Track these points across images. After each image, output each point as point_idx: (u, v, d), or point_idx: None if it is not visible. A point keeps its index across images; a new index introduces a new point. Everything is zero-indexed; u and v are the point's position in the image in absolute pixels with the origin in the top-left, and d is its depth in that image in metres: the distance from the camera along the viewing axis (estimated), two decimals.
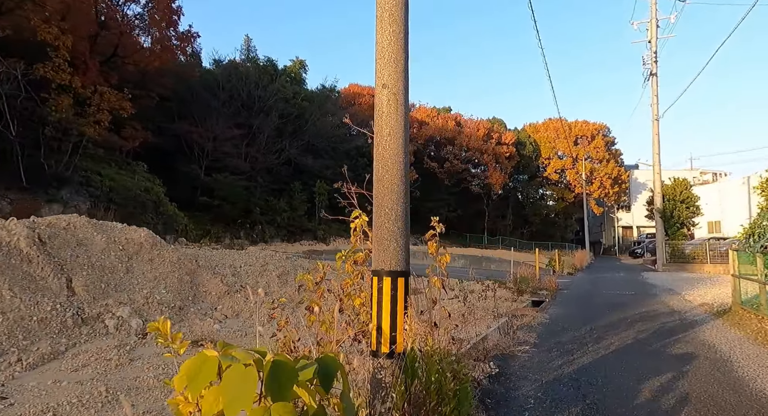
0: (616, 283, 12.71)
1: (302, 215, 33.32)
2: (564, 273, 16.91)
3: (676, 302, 8.01)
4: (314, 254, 21.04)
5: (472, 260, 17.87)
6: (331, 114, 37.90)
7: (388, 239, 3.11)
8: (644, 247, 37.34)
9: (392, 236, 3.12)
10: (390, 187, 3.18)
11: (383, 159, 3.25)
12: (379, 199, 3.18)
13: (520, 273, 12.29)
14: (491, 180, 44.32)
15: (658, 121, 19.24)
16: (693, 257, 19.14)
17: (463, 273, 15.67)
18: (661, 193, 19.65)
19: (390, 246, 3.09)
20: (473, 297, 8.15)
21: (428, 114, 49.15)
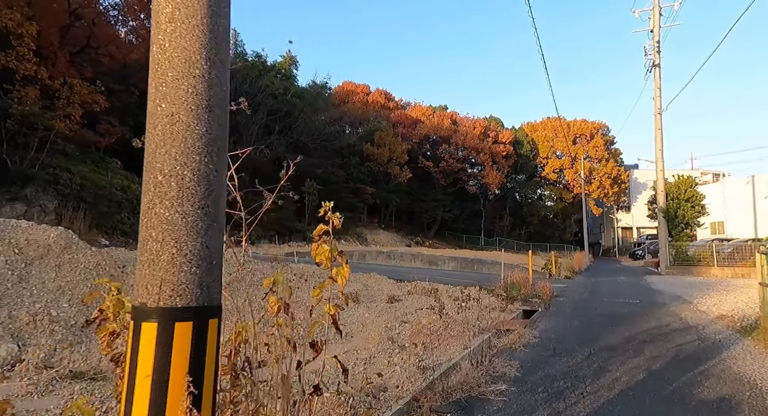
0: (617, 289, 11.57)
1: (291, 215, 32.19)
2: (561, 276, 15.79)
3: (689, 313, 6.86)
4: (298, 255, 19.87)
5: (464, 263, 16.75)
6: (323, 111, 36.80)
7: (164, 240, 1.36)
8: (645, 249, 36.23)
9: (173, 232, 1.36)
10: (171, 128, 1.42)
11: (161, 67, 1.49)
12: (152, 154, 1.45)
13: (512, 277, 11.15)
14: (488, 179, 43.19)
15: (660, 114, 18.13)
16: (698, 259, 18.01)
17: (454, 277, 14.51)
18: (664, 191, 18.52)
19: (166, 254, 1.34)
20: (452, 308, 6.98)
21: (423, 112, 48.06)
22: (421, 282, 11.62)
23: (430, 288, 10.78)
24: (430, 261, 17.24)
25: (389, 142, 38.14)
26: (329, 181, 35.02)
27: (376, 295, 9.51)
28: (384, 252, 18.10)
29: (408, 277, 13.01)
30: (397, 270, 15.22)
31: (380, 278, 12.03)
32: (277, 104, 33.53)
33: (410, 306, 8.43)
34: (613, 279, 15.11)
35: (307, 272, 10.20)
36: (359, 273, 12.33)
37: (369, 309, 7.87)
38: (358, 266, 16.15)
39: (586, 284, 13.09)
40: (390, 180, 39.53)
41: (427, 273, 14.74)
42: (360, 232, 37.71)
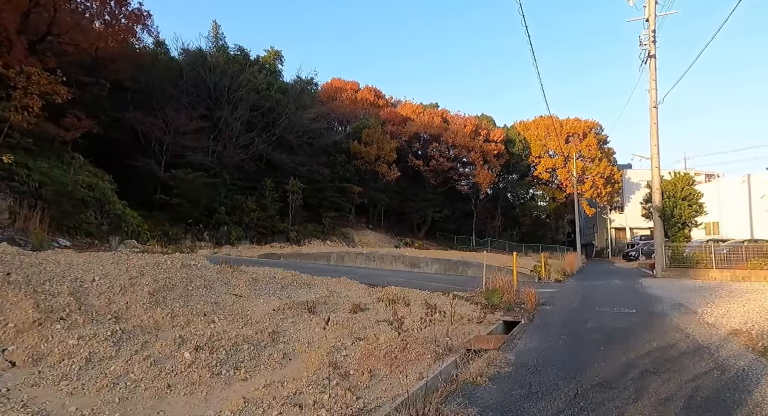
0: (611, 295, 10.50)
1: (273, 215, 30.94)
2: (551, 280, 14.74)
3: (696, 328, 5.79)
4: (271, 257, 18.68)
5: (447, 265, 15.66)
6: (308, 107, 35.60)
7: None
8: (638, 250, 35.38)
9: None
10: None
11: None
12: None
13: (495, 282, 10.06)
14: (479, 179, 42.18)
15: (656, 108, 17.14)
16: (696, 261, 17.03)
17: (434, 281, 13.40)
18: (660, 188, 17.53)
19: None
20: (414, 322, 5.84)
21: (414, 110, 47.00)
22: (395, 288, 10.50)
23: (403, 295, 9.66)
24: (412, 263, 16.14)
25: (377, 139, 37.02)
26: (314, 179, 33.82)
27: (340, 303, 8.36)
28: (364, 254, 16.97)
29: (384, 281, 11.88)
30: (375, 274, 14.09)
31: (351, 283, 10.88)
32: (259, 100, 32.30)
33: (375, 317, 7.31)
34: (606, 283, 14.07)
35: (265, 277, 9.03)
36: (328, 277, 11.19)
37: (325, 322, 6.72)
38: (334, 269, 15.00)
39: (577, 289, 12.03)
40: (378, 179, 38.41)
41: (407, 277, 13.61)
42: (347, 233, 36.56)
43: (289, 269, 13.64)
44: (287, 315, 6.92)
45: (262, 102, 32.43)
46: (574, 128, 48.54)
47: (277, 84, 34.58)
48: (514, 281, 9.81)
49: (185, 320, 5.83)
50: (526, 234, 52.07)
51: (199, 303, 6.45)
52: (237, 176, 31.14)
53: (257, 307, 7.07)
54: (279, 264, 15.67)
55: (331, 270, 14.59)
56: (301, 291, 9.22)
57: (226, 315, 6.31)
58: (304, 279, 10.56)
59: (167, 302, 6.10)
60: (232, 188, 30.32)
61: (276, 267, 13.87)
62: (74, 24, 18.79)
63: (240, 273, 8.55)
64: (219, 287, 7.42)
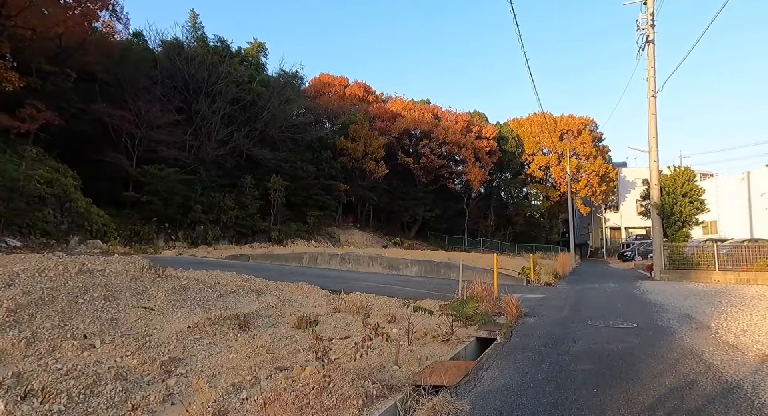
0: (606, 302, 9.20)
1: (254, 213, 29.54)
2: (541, 283, 13.47)
3: (715, 351, 4.48)
4: (239, 258, 17.28)
5: (429, 267, 14.36)
6: (293, 102, 34.21)
7: None
8: (634, 250, 34.24)
9: None
10: None
11: None
12: None
13: (473, 288, 8.74)
14: (470, 177, 40.92)
15: (655, 97, 15.90)
16: (697, 263, 15.80)
17: (411, 285, 12.09)
18: (658, 184, 16.29)
19: None
20: (362, 341, 4.53)
21: (404, 106, 45.64)
22: (361, 295, 9.17)
23: (366, 304, 8.32)
24: (390, 265, 14.82)
25: (365, 135, 35.67)
26: (298, 176, 32.42)
27: (286, 315, 7.02)
28: (339, 255, 15.63)
29: (353, 286, 10.55)
30: (347, 277, 12.75)
31: (310, 289, 9.54)
32: (240, 93, 30.87)
33: (322, 334, 5.97)
34: (601, 287, 12.81)
35: (200, 284, 7.67)
36: (287, 282, 9.84)
37: (250, 342, 5.37)
38: (302, 271, 13.65)
39: (568, 294, 10.73)
40: (366, 176, 37.06)
41: (382, 280, 12.30)
42: (332, 232, 35.20)
43: (253, 272, 12.24)
44: (205, 334, 5.55)
45: (243, 95, 31.01)
46: (569, 125, 47.38)
47: (259, 77, 33.16)
48: (494, 287, 8.49)
49: (49, 346, 4.43)
50: (520, 233, 50.91)
51: (85, 320, 5.07)
52: (216, 173, 29.70)
53: (170, 324, 5.70)
54: (243, 266, 14.30)
55: (298, 272, 13.25)
56: (245, 300, 7.86)
57: (118, 337, 4.93)
58: (255, 285, 9.21)
59: (34, 321, 4.71)
60: (210, 185, 28.89)
61: (241, 269, 12.52)
62: (26, 4, 17.28)
63: (165, 280, 7.18)
64: (127, 298, 6.04)
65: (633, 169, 53.18)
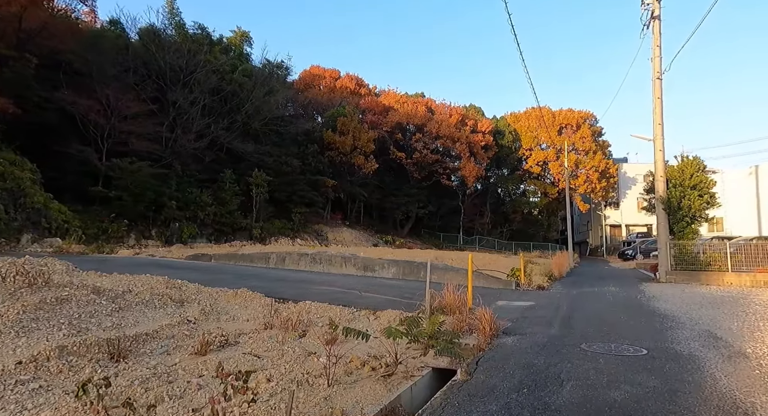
0: (606, 314, 7.56)
1: (234, 210, 27.96)
2: (532, 286, 11.90)
3: None
4: (200, 258, 15.71)
5: (408, 268, 12.79)
6: (278, 93, 32.56)
7: None
8: (636, 248, 32.68)
9: None
10: None
11: None
12: None
13: (445, 296, 7.18)
14: (465, 172, 39.33)
15: (661, 79, 14.31)
16: (707, 263, 14.24)
17: (383, 290, 10.51)
18: (664, 176, 14.70)
19: None
20: (269, 378, 2.93)
21: (397, 100, 44.01)
22: (311, 304, 7.63)
23: (310, 318, 6.76)
24: (366, 266, 13.27)
25: (354, 129, 34.05)
26: (282, 171, 30.83)
27: (198, 335, 5.44)
28: (309, 255, 14.07)
29: (310, 292, 8.99)
30: (310, 280, 11.18)
31: (251, 296, 7.99)
32: (221, 83, 29.26)
33: (230, 364, 4.47)
34: (601, 292, 11.24)
35: (93, 293, 6.10)
36: (224, 289, 8.29)
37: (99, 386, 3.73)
38: (261, 274, 12.08)
39: (561, 302, 9.16)
40: (355, 172, 35.46)
41: (350, 284, 10.73)
42: (320, 230, 33.65)
43: (204, 275, 10.73)
44: (44, 373, 3.98)
45: (224, 85, 29.40)
46: (567, 119, 45.77)
47: (242, 67, 31.52)
48: (468, 295, 6.91)
49: None
50: (517, 231, 49.33)
51: None
52: (194, 167, 28.09)
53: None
54: (199, 268, 12.74)
55: (257, 275, 11.68)
56: (153, 313, 6.29)
57: None
58: (183, 293, 7.65)
59: None
60: (188, 180, 27.31)
61: (191, 271, 10.97)
62: None
63: (38, 290, 5.60)
64: None
65: (634, 164, 51.62)
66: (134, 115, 24.55)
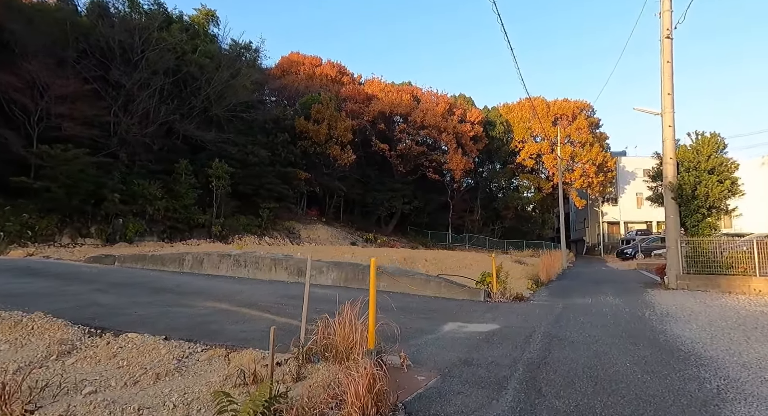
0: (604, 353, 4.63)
1: (191, 205, 25.11)
2: (507, 296, 9.14)
3: None
4: (103, 260, 12.85)
5: (353, 274, 9.97)
6: (245, 77, 29.67)
7: None
8: (636, 247, 29.97)
9: None
10: None
11: None
12: None
13: (343, 322, 4.37)
14: (451, 164, 36.54)
15: (671, 38, 11.55)
16: (728, 265, 11.49)
17: (293, 306, 7.64)
18: (674, 158, 11.93)
19: None
20: None
21: (382, 88, 41.18)
22: (134, 338, 4.83)
23: (69, 378, 3.90)
24: (300, 270, 10.48)
25: (329, 116, 31.19)
26: (248, 162, 27.99)
27: None
28: (232, 257, 11.28)
29: (177, 316, 6.19)
30: (209, 293, 8.38)
31: (43, 327, 5.17)
32: (179, 64, 26.37)
33: None
34: (595, 306, 8.49)
35: None
36: (21, 311, 5.47)
37: None
38: (155, 283, 9.26)
39: (537, 326, 6.30)
40: (331, 164, 32.63)
41: (263, 297, 7.94)
42: (291, 227, 30.84)
43: (71, 284, 7.91)
44: None
45: (182, 67, 26.52)
46: (563, 109, 43.01)
47: (205, 48, 28.63)
48: (371, 327, 4.09)
49: None
50: (509, 229, 46.59)
51: None
52: (145, 157, 25.20)
53: None
54: (74, 274, 9.91)
55: (142, 284, 8.88)
56: None
57: None
58: None
59: None
60: (139, 171, 24.47)
61: (63, 278, 8.17)
62: None
63: None
64: None
65: (633, 158, 48.88)
66: (72, 96, 21.68)
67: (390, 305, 6.01)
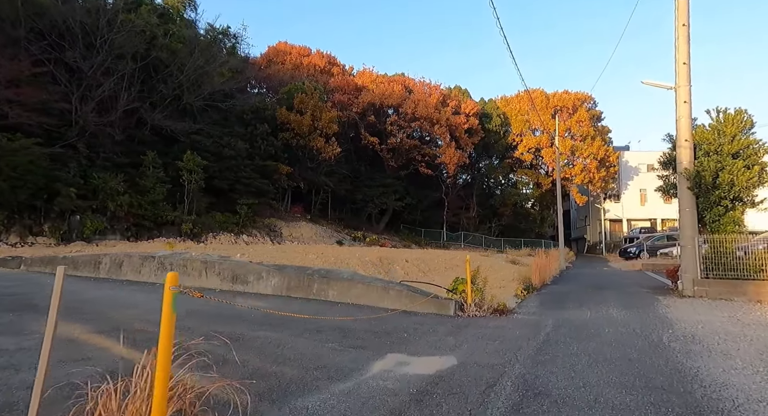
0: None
1: (159, 200, 23.17)
2: (486, 308, 7.19)
3: None
4: (7, 264, 10.93)
5: (298, 280, 8.03)
6: (222, 64, 27.73)
7: None
8: (640, 246, 27.99)
9: None
10: None
11: None
12: None
13: None
14: (445, 158, 34.58)
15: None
16: (757, 268, 9.52)
17: (237, 321, 5.57)
18: (691, 140, 9.96)
19: None
20: None
21: (373, 79, 39.17)
22: None
23: None
24: (235, 276, 8.57)
25: (313, 106, 29.23)
26: (224, 155, 26.05)
27: None
28: (156, 258, 9.37)
29: (29, 339, 4.22)
30: (115, 304, 6.45)
31: None
32: (148, 49, 24.44)
33: None
34: (595, 323, 6.52)
35: None
36: None
37: None
38: (34, 295, 7.31)
39: (514, 355, 4.45)
40: (315, 157, 30.68)
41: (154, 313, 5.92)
42: (272, 225, 28.91)
43: None
44: None
45: (152, 52, 24.59)
46: (563, 101, 40.98)
47: (178, 32, 26.68)
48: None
49: None
50: (507, 227, 44.62)
51: None
52: (111, 150, 23.29)
53: None
54: None
55: (23, 292, 6.95)
56: None
57: None
58: None
59: None
60: (102, 164, 22.53)
61: None
62: None
63: None
64: None
65: (636, 152, 46.89)
66: (22, 80, 19.79)
67: (323, 325, 4.08)
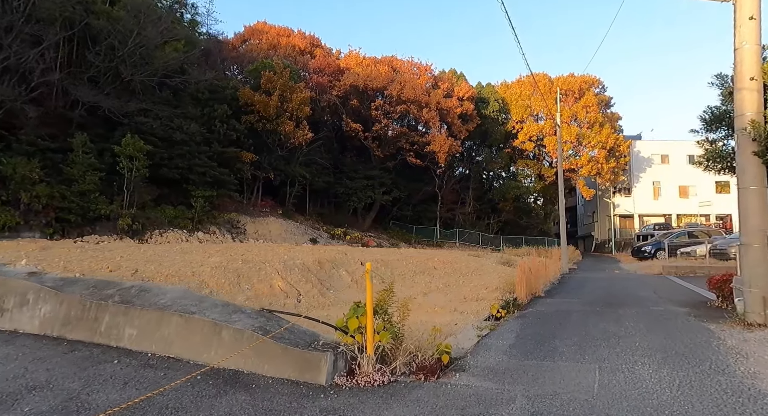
0: None
1: (91, 191, 19.78)
2: (399, 367, 3.76)
3: None
4: None
5: (80, 308, 4.63)
6: (176, 38, 24.27)
7: None
8: (657, 244, 24.18)
9: None
10: None
11: None
12: None
13: None
14: (434, 146, 30.92)
15: None
16: None
17: None
18: (761, 79, 6.29)
19: None
20: None
21: (359, 62, 35.54)
22: None
23: None
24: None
25: (282, 86, 25.71)
26: (174, 140, 22.58)
27: None
28: None
29: None
30: None
31: None
32: (88, 17, 21.07)
33: None
34: (612, 390, 3.12)
35: None
36: None
37: None
38: None
39: None
40: (284, 144, 27.18)
41: None
42: (235, 220, 25.43)
43: None
44: None
45: (91, 20, 21.22)
46: (568, 84, 37.12)
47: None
48: None
49: None
50: (507, 223, 40.87)
51: None
52: (35, 132, 19.93)
53: None
54: None
55: None
56: None
57: None
58: None
59: None
60: (20, 148, 19.13)
61: None
62: None
63: None
64: None
65: (649, 141, 42.95)
66: None
67: None
